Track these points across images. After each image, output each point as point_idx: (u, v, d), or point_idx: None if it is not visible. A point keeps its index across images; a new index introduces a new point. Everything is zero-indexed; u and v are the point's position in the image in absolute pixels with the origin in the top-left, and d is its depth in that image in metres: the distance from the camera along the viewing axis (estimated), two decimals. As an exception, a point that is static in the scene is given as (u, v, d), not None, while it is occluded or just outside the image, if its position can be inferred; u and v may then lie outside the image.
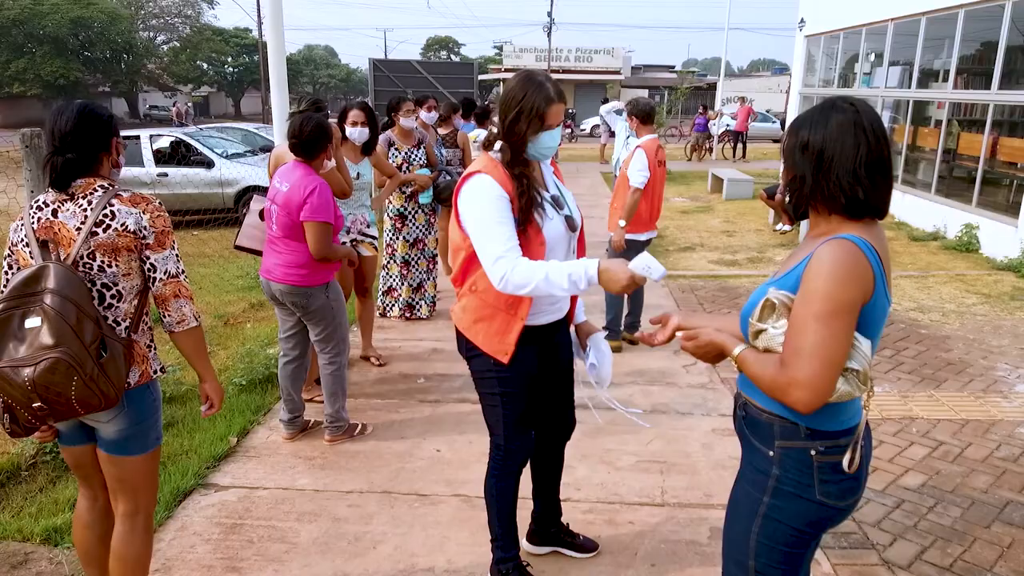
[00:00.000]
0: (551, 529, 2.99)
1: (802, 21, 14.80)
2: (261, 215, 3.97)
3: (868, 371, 1.61)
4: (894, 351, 5.41)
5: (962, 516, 3.30)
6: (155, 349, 2.33)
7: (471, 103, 7.82)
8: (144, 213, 2.16)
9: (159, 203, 2.23)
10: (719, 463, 3.73)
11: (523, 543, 2.95)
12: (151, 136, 11.42)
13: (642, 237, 5.31)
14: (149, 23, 50.76)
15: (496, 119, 2.46)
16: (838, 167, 1.62)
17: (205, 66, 56.15)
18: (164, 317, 2.24)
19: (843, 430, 1.70)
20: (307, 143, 3.58)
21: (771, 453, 1.73)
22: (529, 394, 2.59)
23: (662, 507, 3.35)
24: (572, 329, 2.74)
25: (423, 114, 6.02)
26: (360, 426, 4.04)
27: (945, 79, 10.30)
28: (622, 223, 5.15)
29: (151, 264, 2.19)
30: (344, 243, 4.46)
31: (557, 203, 2.49)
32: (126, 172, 10.37)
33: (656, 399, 4.52)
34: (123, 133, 11.42)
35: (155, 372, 2.30)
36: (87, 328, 1.99)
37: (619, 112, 8.17)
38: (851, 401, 1.68)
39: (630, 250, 5.19)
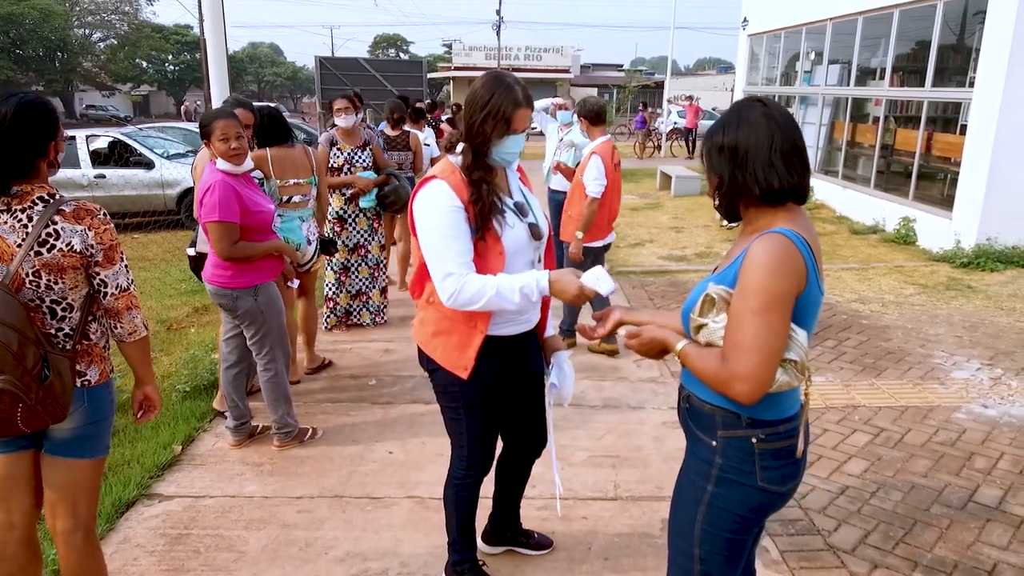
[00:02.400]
0: (507, 533, 2.98)
1: (745, 20, 15.12)
2: None
3: (805, 361, 1.66)
4: (836, 341, 5.56)
5: (903, 500, 3.41)
6: (109, 348, 2.27)
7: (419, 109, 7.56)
8: (90, 230, 2.06)
9: (104, 213, 2.12)
10: (670, 456, 3.77)
11: (479, 543, 2.93)
12: (88, 136, 11.02)
13: (599, 244, 5.12)
14: (84, 20, 49.08)
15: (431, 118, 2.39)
16: (753, 159, 1.68)
17: (145, 64, 54.61)
18: (116, 328, 2.21)
19: (783, 419, 1.74)
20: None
21: (714, 443, 1.77)
22: (494, 407, 2.52)
23: (615, 501, 3.38)
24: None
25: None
26: (310, 430, 3.97)
27: (882, 77, 10.63)
28: (579, 235, 4.91)
29: (101, 280, 2.12)
30: (297, 244, 4.33)
31: (521, 210, 2.39)
32: (61, 174, 10.07)
33: (608, 394, 4.55)
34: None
35: (111, 371, 2.26)
36: (29, 354, 1.94)
37: (547, 110, 7.30)
38: (790, 391, 1.72)
39: (587, 258, 4.98)
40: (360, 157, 5.47)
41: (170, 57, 56.08)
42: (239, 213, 3.41)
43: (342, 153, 5.42)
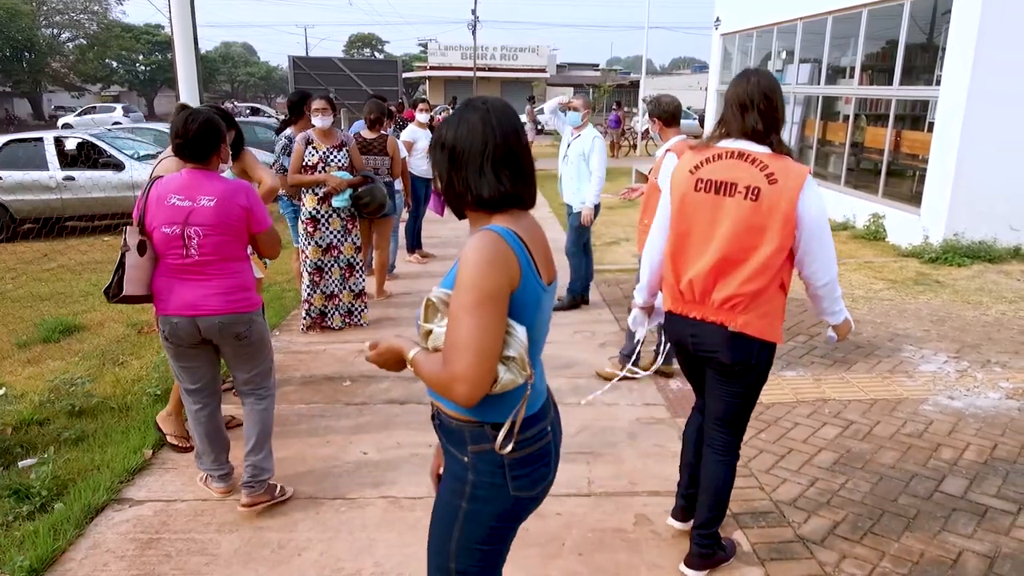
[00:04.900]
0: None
1: (718, 20, 15.25)
2: (140, 249, 3.00)
3: (525, 356, 1.64)
4: (807, 336, 5.64)
5: (871, 491, 3.47)
6: None
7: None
8: None
9: None
10: (644, 452, 3.80)
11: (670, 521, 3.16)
12: (56, 138, 10.84)
13: None
14: (52, 19, 48.18)
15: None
16: (467, 164, 1.67)
17: (115, 64, 53.79)
18: None
19: (525, 418, 1.73)
20: (196, 144, 2.99)
21: (465, 459, 1.76)
22: None
23: (589, 497, 3.40)
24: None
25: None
26: (278, 488, 3.35)
27: (851, 75, 10.78)
28: None
29: None
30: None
31: None
32: (29, 176, 9.92)
33: (584, 391, 4.57)
34: (26, 135, 10.87)
35: None
36: None
37: (564, 110, 6.41)
38: (519, 389, 1.68)
39: None
40: (335, 157, 5.41)
41: (140, 57, 55.29)
42: None
43: (317, 152, 5.37)
